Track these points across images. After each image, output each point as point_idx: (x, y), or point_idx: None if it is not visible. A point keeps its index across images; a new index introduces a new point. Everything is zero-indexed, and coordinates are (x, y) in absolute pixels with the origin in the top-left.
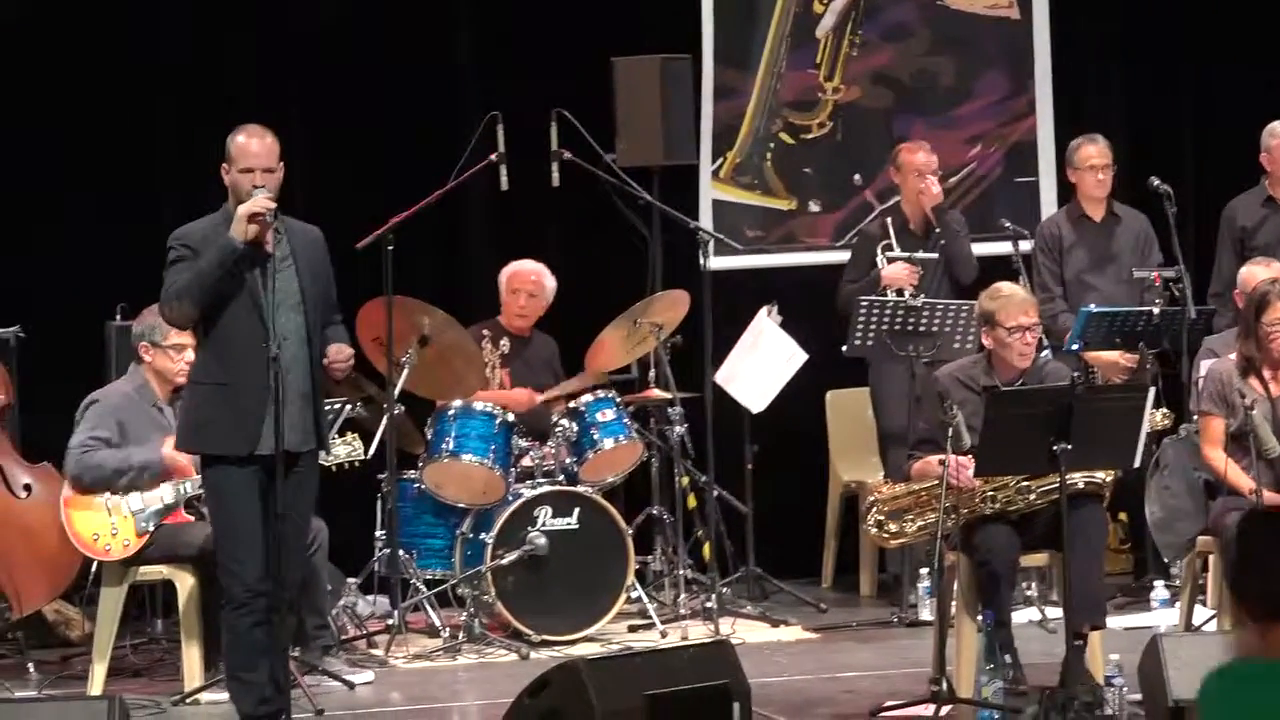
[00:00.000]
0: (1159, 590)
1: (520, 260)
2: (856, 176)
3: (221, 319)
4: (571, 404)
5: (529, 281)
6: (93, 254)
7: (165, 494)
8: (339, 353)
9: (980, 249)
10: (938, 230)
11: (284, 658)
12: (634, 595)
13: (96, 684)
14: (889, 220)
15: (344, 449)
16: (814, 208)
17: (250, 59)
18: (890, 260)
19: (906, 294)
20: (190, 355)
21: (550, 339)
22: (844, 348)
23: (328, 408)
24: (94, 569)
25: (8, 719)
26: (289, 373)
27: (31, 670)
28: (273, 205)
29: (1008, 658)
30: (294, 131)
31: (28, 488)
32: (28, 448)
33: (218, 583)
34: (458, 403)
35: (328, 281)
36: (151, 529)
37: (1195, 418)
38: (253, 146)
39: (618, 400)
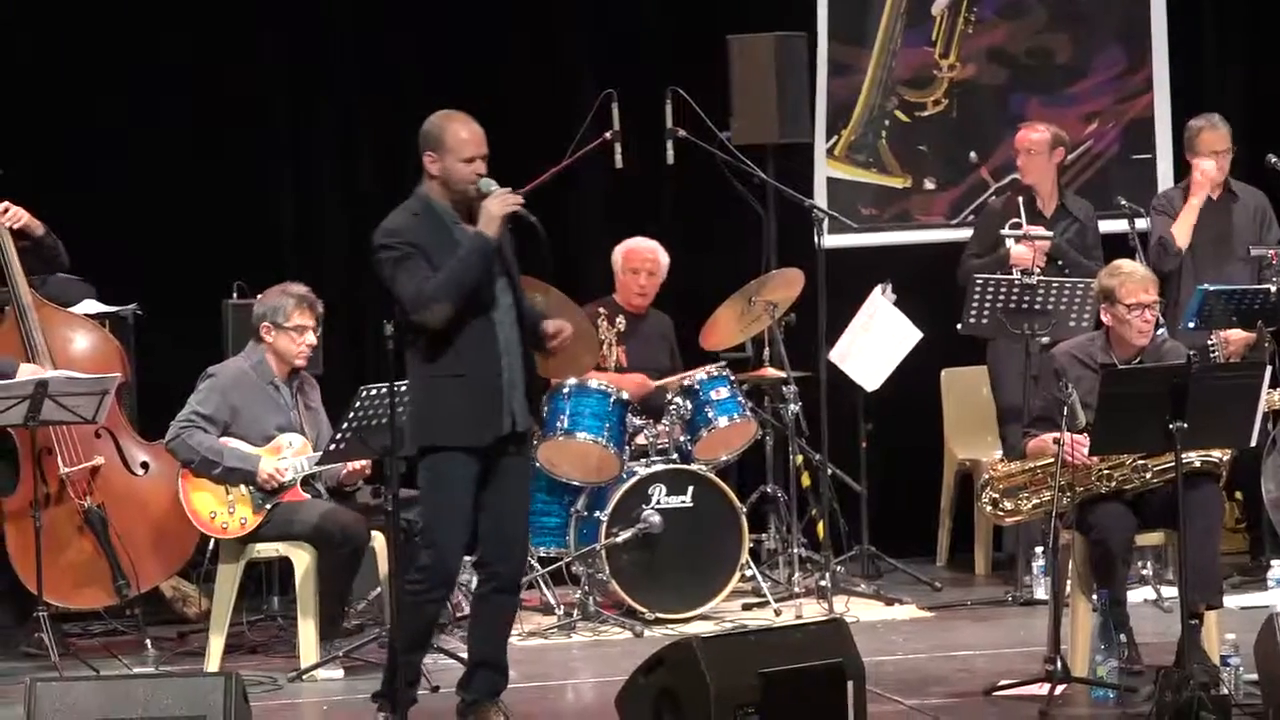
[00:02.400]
0: (1276, 569)
1: (636, 238)
2: (972, 154)
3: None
4: (686, 382)
5: (647, 260)
6: (210, 233)
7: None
8: (560, 330)
9: (1099, 226)
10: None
11: (506, 637)
12: (748, 574)
13: (213, 660)
14: (1020, 197)
15: None
16: (929, 185)
17: (366, 38)
18: (1016, 238)
19: (1034, 273)
20: (311, 339)
21: (665, 316)
22: (959, 325)
23: None
24: (211, 546)
25: (126, 695)
26: (510, 355)
27: (149, 646)
28: (519, 199)
29: (1122, 637)
30: (410, 111)
31: (145, 465)
32: (145, 425)
33: (333, 560)
34: (572, 381)
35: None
36: (269, 507)
37: None
38: (472, 135)
39: (732, 378)
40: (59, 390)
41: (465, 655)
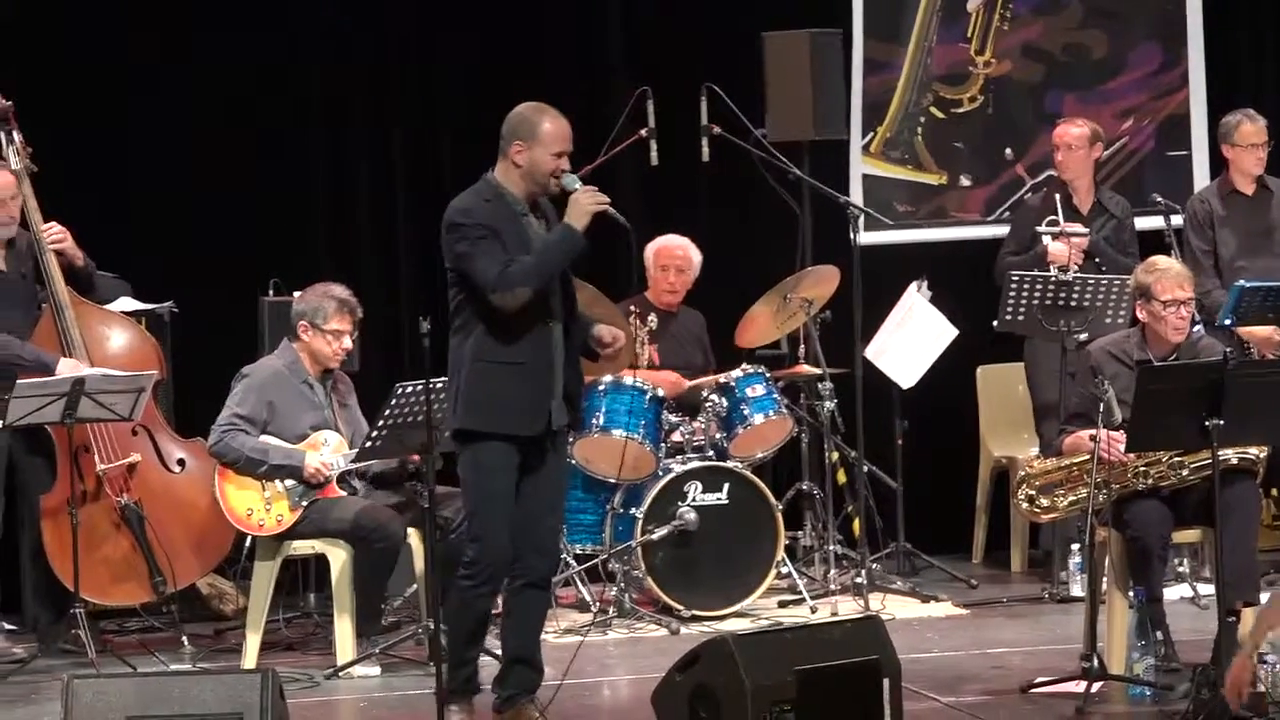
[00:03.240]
0: None
1: (666, 235)
2: (1008, 151)
3: None
4: (721, 379)
5: (676, 256)
6: (245, 230)
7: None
8: (616, 339)
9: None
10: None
11: (539, 633)
12: (784, 571)
13: (250, 657)
14: (1056, 194)
15: None
16: (965, 182)
17: (400, 38)
18: (1053, 235)
19: (1071, 270)
20: (347, 343)
21: (698, 314)
22: (995, 323)
23: None
24: (248, 543)
25: (163, 691)
26: (559, 352)
27: (186, 643)
28: (607, 200)
29: (1159, 634)
30: (443, 110)
31: (181, 462)
32: (181, 422)
33: (369, 557)
34: (608, 378)
35: None
36: (305, 504)
37: None
38: (563, 130)
39: (767, 375)
40: (95, 388)
41: (500, 652)
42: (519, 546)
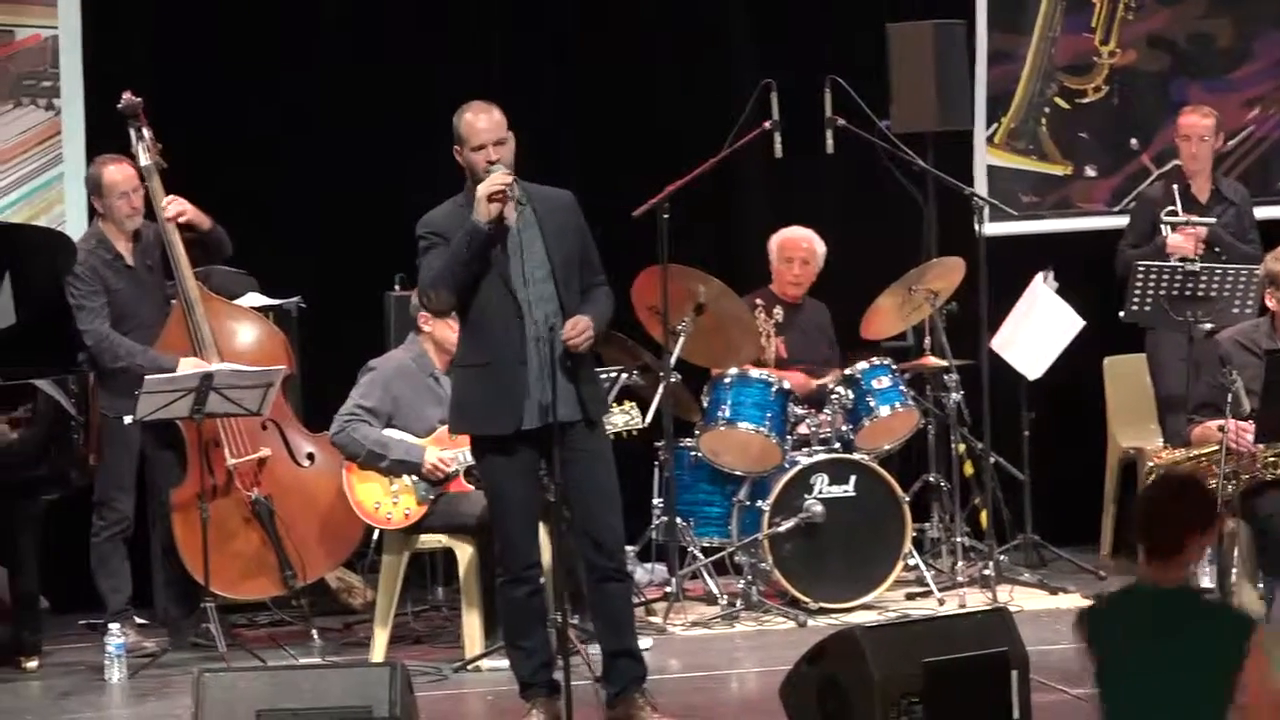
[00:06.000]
0: None
1: (790, 227)
2: (1133, 141)
3: (475, 300)
4: (847, 371)
5: (801, 249)
6: (371, 225)
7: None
8: (572, 328)
9: (1259, 213)
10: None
11: (628, 623)
12: (911, 563)
13: (378, 651)
14: (1175, 185)
15: (621, 418)
16: (1090, 172)
17: (522, 29)
18: (1173, 226)
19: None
20: None
21: (822, 305)
22: (1121, 313)
23: (604, 377)
24: (376, 537)
25: (292, 685)
26: (546, 344)
27: (315, 637)
28: (509, 179)
29: None
30: (564, 102)
31: (310, 456)
32: (309, 416)
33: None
34: (734, 370)
35: (582, 244)
36: (432, 498)
37: None
38: (480, 123)
39: (893, 367)
40: (224, 383)
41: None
42: (580, 545)
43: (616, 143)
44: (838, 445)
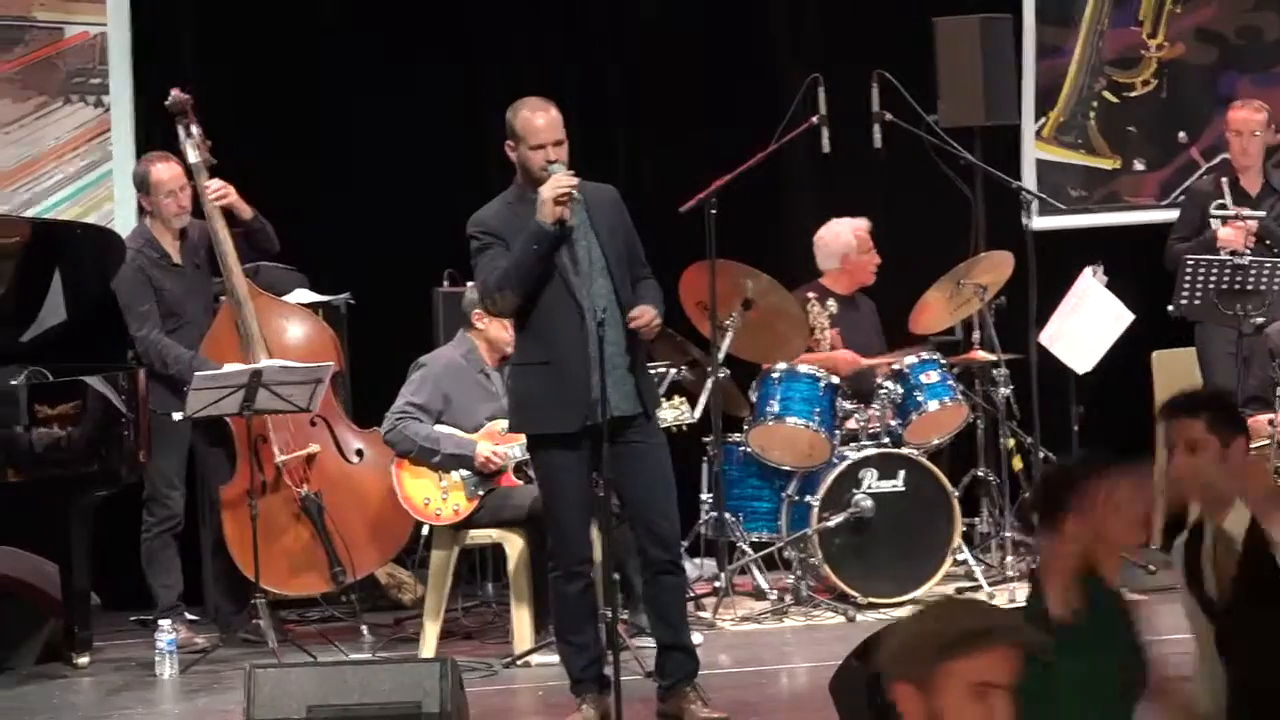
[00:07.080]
0: None
1: (841, 219)
2: (1181, 134)
3: (538, 299)
4: (895, 366)
5: (869, 237)
6: (421, 221)
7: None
8: (641, 315)
9: None
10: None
11: (681, 617)
12: (960, 557)
13: (428, 646)
14: (1224, 179)
15: (671, 412)
16: (1138, 166)
17: (569, 27)
18: (1223, 220)
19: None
20: None
21: (869, 299)
22: (1170, 307)
23: (653, 373)
24: (425, 533)
25: (342, 680)
26: (606, 341)
27: (365, 632)
28: (575, 182)
29: None
30: (613, 98)
31: (360, 453)
32: (359, 413)
33: (546, 547)
34: (782, 365)
35: (629, 239)
36: (482, 494)
37: None
38: (539, 120)
39: (942, 362)
40: (273, 379)
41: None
42: (639, 538)
43: (662, 137)
44: (887, 440)
